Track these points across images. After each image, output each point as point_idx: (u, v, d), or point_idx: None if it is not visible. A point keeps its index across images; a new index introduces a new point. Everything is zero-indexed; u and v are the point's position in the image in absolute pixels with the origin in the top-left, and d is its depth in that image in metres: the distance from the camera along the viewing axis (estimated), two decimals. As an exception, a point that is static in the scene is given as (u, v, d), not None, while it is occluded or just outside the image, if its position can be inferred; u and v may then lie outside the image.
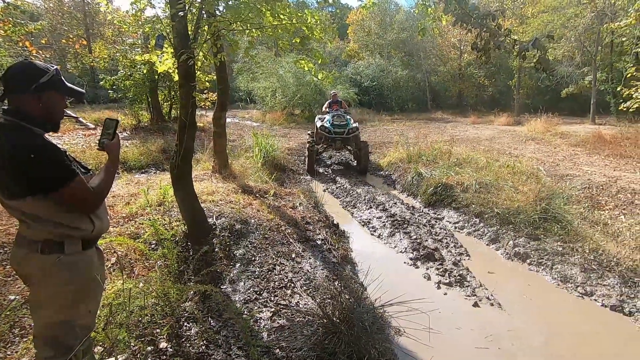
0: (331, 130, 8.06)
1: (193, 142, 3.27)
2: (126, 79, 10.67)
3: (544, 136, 12.69)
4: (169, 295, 2.36)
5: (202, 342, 2.19)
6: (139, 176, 6.74)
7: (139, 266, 2.89)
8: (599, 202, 5.87)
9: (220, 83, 5.59)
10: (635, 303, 3.28)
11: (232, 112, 20.38)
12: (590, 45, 17.85)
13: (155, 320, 2.28)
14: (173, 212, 3.75)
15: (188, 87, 3.07)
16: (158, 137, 9.89)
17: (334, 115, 8.28)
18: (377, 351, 2.14)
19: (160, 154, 8.31)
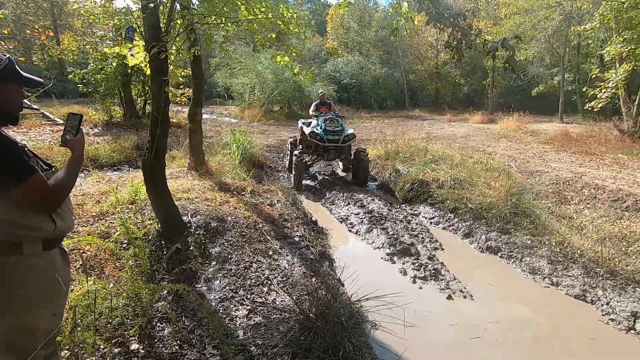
0: (323, 137, 6.71)
1: (166, 139, 3.18)
2: (97, 72, 10.26)
3: (515, 134, 13.15)
4: (140, 296, 2.29)
5: (176, 342, 2.14)
6: (111, 174, 6.52)
7: (109, 266, 2.80)
8: (565, 197, 6.15)
9: (195, 78, 5.47)
10: (597, 292, 3.46)
11: (210, 108, 19.98)
12: (559, 47, 18.62)
13: (126, 322, 2.22)
14: (146, 210, 3.64)
15: (160, 82, 2.98)
16: (131, 133, 9.58)
17: (326, 120, 6.95)
18: (353, 345, 2.16)
19: (133, 151, 8.05)
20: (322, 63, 25.79)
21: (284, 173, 8.00)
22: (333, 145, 6.78)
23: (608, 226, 4.62)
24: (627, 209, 5.52)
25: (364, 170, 7.03)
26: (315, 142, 6.79)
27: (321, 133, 6.75)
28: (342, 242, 4.72)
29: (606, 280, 3.56)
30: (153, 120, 3.01)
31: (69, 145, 1.55)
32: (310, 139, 6.85)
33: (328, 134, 6.77)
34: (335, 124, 6.92)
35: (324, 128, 6.79)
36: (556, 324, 3.12)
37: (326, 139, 6.73)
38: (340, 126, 6.94)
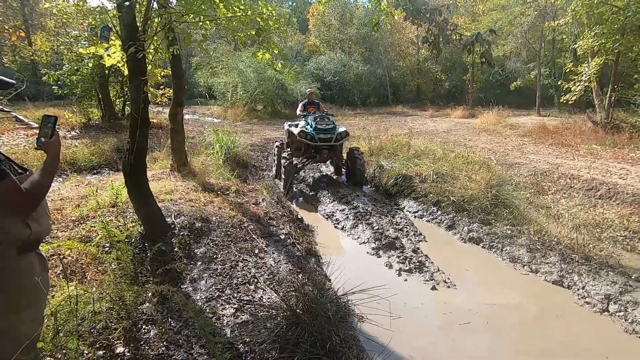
0: (315, 136, 6.22)
1: (146, 140, 3.14)
2: (72, 74, 9.96)
3: (495, 128, 13.46)
4: (124, 299, 2.27)
5: (162, 343, 2.13)
6: (91, 177, 6.36)
7: (91, 271, 2.75)
8: (543, 188, 6.36)
9: (175, 78, 5.39)
10: (573, 277, 3.60)
11: (192, 108, 19.68)
12: (535, 42, 19.13)
13: (110, 326, 2.19)
14: (128, 213, 3.58)
15: (138, 82, 2.94)
16: (111, 135, 9.35)
17: (316, 118, 6.45)
18: (340, 338, 2.20)
19: (113, 154, 7.87)
20: (304, 61, 25.73)
21: (268, 171, 7.98)
22: (325, 144, 6.32)
23: (583, 214, 4.80)
24: (601, 197, 5.75)
25: (360, 170, 6.54)
26: (306, 142, 6.33)
27: (312, 132, 6.27)
28: (329, 239, 4.76)
29: (581, 266, 3.71)
30: (132, 121, 2.96)
31: (44, 148, 1.52)
32: (300, 140, 6.40)
33: (319, 133, 6.28)
34: (327, 122, 6.43)
35: (314, 127, 6.31)
36: (536, 310, 3.24)
37: (318, 138, 6.25)
38: (332, 124, 6.48)
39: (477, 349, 2.74)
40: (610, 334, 2.91)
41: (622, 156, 8.09)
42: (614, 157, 8.09)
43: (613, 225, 4.55)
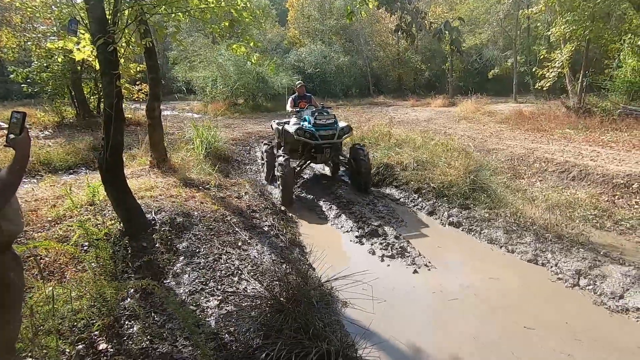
0: (315, 133, 5.48)
1: (122, 135, 3.08)
2: (42, 70, 9.61)
3: (474, 115, 13.71)
4: (105, 296, 2.25)
5: (146, 337, 2.13)
6: (67, 177, 6.19)
7: (69, 270, 2.70)
8: (519, 172, 6.56)
9: (150, 72, 5.27)
10: (547, 255, 3.76)
11: (171, 104, 19.26)
12: (511, 30, 19.48)
13: (92, 323, 2.17)
14: (106, 210, 3.52)
15: (111, 76, 2.87)
16: (86, 134, 9.10)
17: (314, 112, 5.70)
18: (324, 323, 2.25)
19: (90, 152, 7.66)
20: (284, 53, 25.46)
21: (251, 165, 7.94)
22: (327, 142, 5.56)
23: (556, 195, 4.99)
24: (573, 178, 5.99)
25: (365, 171, 5.75)
26: (305, 141, 5.57)
27: (311, 129, 5.51)
28: (312, 229, 4.80)
29: (554, 244, 3.87)
30: (106, 116, 2.90)
31: (13, 145, 1.48)
32: (297, 139, 5.64)
33: (320, 129, 5.53)
34: (327, 116, 5.69)
35: (313, 123, 5.57)
36: (513, 288, 3.38)
37: (318, 136, 5.50)
38: (333, 118, 5.77)
39: (456, 328, 2.84)
40: (581, 307, 3.07)
41: (593, 139, 8.40)
42: (586, 140, 8.39)
43: (584, 205, 4.76)
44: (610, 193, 5.38)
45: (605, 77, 12.10)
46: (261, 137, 10.50)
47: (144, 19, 3.28)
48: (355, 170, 5.92)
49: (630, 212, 4.72)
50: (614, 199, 5.23)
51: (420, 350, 2.57)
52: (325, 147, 5.64)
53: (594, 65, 13.31)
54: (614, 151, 7.19)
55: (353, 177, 6.24)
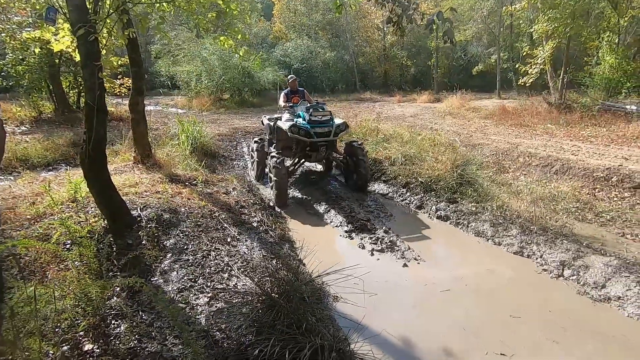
0: (310, 130, 5.21)
1: (105, 129, 2.97)
2: (17, 63, 9.21)
3: (459, 111, 13.90)
4: (89, 295, 2.17)
5: (134, 337, 2.07)
6: (46, 174, 5.97)
7: (51, 269, 2.60)
8: (504, 166, 6.69)
9: (133, 65, 5.11)
10: (532, 247, 3.84)
11: (154, 99, 18.80)
12: (494, 27, 19.78)
13: (77, 323, 2.10)
14: (89, 207, 3.41)
15: (92, 68, 2.75)
16: (66, 129, 8.79)
17: (309, 108, 5.44)
18: (316, 318, 2.23)
19: (70, 148, 7.41)
20: (270, 48, 25.19)
21: (238, 161, 7.84)
22: (323, 140, 5.31)
23: (540, 189, 5.10)
24: (556, 172, 6.14)
25: (364, 171, 5.51)
26: (299, 138, 5.27)
27: (306, 126, 5.23)
28: (302, 224, 4.77)
29: (539, 236, 3.95)
30: (88, 110, 2.79)
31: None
32: (291, 137, 5.34)
33: (315, 126, 5.25)
34: (322, 113, 5.41)
35: (308, 119, 5.29)
36: (499, 280, 3.45)
37: (314, 133, 5.23)
38: (329, 114, 5.49)
39: (445, 319, 2.88)
40: (566, 297, 3.15)
41: (574, 134, 8.63)
42: (567, 135, 8.62)
43: (566, 197, 4.88)
44: (591, 186, 5.54)
45: (584, 74, 12.42)
46: (248, 132, 10.39)
47: (127, 9, 3.17)
48: (353, 169, 5.67)
49: (609, 205, 4.87)
50: (594, 191, 5.39)
51: (411, 342, 2.59)
52: (321, 145, 5.38)
53: (574, 62, 13.65)
54: (594, 146, 7.40)
55: (348, 176, 5.99)
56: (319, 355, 1.86)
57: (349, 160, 5.73)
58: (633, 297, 2.92)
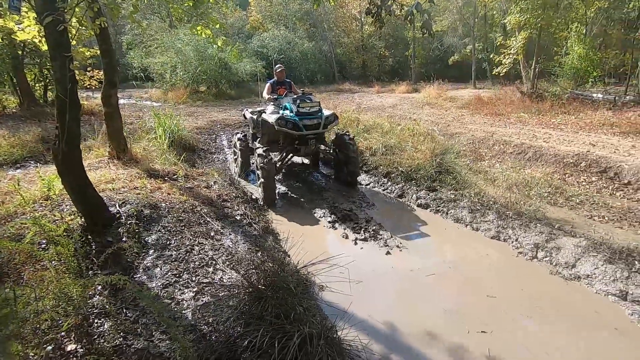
0: (298, 124, 4.94)
1: (78, 123, 2.86)
2: (-24, 55, 8.66)
3: (437, 101, 14.13)
4: (70, 294, 2.11)
5: (119, 335, 2.04)
6: (14, 172, 5.69)
7: (27, 270, 2.51)
8: (480, 154, 6.88)
9: (105, 57, 4.89)
10: (508, 232, 4.01)
11: (127, 92, 18.14)
12: (469, 18, 20.11)
13: (58, 324, 2.04)
14: (64, 205, 3.29)
15: (62, 59, 2.63)
16: (33, 124, 8.37)
17: (296, 100, 5.29)
18: (303, 307, 2.26)
19: (39, 144, 7.08)
20: (247, 38, 24.69)
21: (217, 154, 7.71)
22: (313, 133, 5.05)
23: (514, 175, 5.30)
24: (529, 159, 6.38)
25: (353, 162, 5.34)
26: (287, 131, 4.99)
27: (294, 119, 4.95)
28: (285, 215, 4.77)
29: (514, 221, 4.12)
30: (60, 104, 2.67)
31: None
32: (278, 129, 5.01)
33: (303, 119, 4.98)
34: (310, 104, 5.15)
35: (296, 111, 5.02)
36: (478, 264, 3.58)
37: (302, 126, 4.96)
38: (317, 105, 5.21)
39: (427, 303, 2.98)
40: (540, 277, 3.32)
41: (545, 122, 8.96)
42: (539, 123, 8.93)
43: (539, 183, 5.08)
44: (562, 172, 5.79)
45: (555, 64, 12.87)
46: (227, 125, 10.22)
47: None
48: (343, 161, 5.44)
49: (579, 189, 5.12)
50: (564, 177, 5.65)
51: (395, 326, 2.67)
52: (310, 138, 5.11)
53: (545, 53, 14.09)
54: (564, 133, 7.71)
55: (337, 170, 5.75)
56: (307, 343, 1.89)
57: (338, 153, 5.53)
58: (600, 275, 3.11)
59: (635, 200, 4.75)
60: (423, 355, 2.42)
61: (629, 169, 5.17)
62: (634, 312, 2.75)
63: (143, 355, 1.91)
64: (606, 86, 11.87)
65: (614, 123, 7.94)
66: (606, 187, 5.15)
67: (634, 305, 2.80)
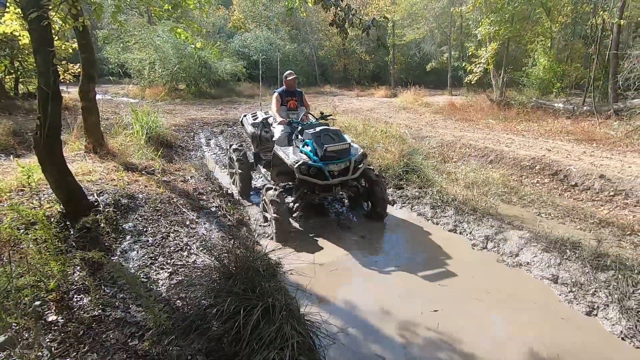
0: (324, 170, 3.95)
1: (60, 115, 2.99)
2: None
3: (413, 106, 14.66)
4: (51, 271, 2.27)
5: (98, 307, 2.21)
6: (-15, 164, 5.64)
7: (6, 252, 2.63)
8: (447, 156, 7.33)
9: (84, 51, 4.98)
10: (464, 225, 4.39)
11: (103, 87, 17.78)
12: (446, 27, 20.91)
13: (40, 298, 2.20)
14: (43, 194, 3.40)
15: (46, 53, 2.77)
16: (3, 117, 8.21)
17: (318, 135, 4.06)
18: (270, 286, 2.50)
19: (9, 137, 6.98)
20: (228, 37, 24.67)
21: (195, 152, 7.82)
22: (341, 179, 4.10)
23: (474, 175, 5.72)
24: (491, 161, 6.86)
25: (382, 205, 4.47)
26: (310, 179, 3.99)
27: (320, 165, 3.93)
28: (258, 210, 4.99)
29: (470, 216, 4.51)
30: (42, 95, 2.81)
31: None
32: (301, 176, 3.97)
33: (329, 163, 3.98)
34: (337, 139, 4.10)
35: (323, 154, 3.94)
36: (434, 253, 3.92)
37: (328, 171, 3.98)
38: (347, 143, 4.16)
39: (383, 286, 3.28)
40: (488, 265, 3.69)
41: (510, 128, 9.56)
42: (504, 129, 9.52)
43: (496, 183, 5.53)
44: (519, 174, 6.28)
45: (522, 74, 13.65)
46: (205, 123, 10.32)
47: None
48: (370, 195, 4.58)
49: (531, 189, 5.60)
50: (521, 178, 6.13)
51: (353, 305, 2.96)
52: (336, 185, 4.19)
53: (514, 63, 14.90)
54: (525, 139, 8.29)
55: (355, 201, 4.82)
56: (270, 312, 2.14)
57: (365, 190, 4.65)
58: (538, 262, 3.51)
59: (580, 200, 5.26)
60: (378, 329, 2.71)
61: (576, 172, 5.69)
62: (561, 292, 3.15)
63: (120, 323, 2.10)
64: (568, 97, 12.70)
65: (570, 131, 8.59)
66: (556, 188, 5.66)
67: (562, 287, 3.20)
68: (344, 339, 2.54)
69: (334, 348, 2.38)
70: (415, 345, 2.56)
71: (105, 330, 2.07)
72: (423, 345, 2.54)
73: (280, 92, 4.96)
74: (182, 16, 4.13)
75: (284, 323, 2.07)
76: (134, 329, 2.10)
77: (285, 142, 4.50)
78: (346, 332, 2.63)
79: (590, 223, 4.34)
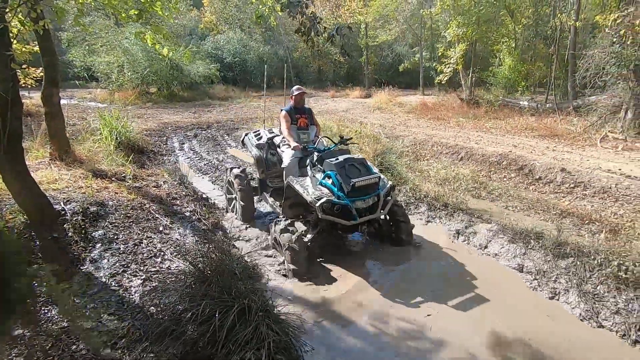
0: (351, 208, 3.40)
1: (20, 121, 2.88)
2: None
3: (387, 106, 14.95)
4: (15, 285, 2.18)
5: (67, 319, 2.16)
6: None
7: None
8: (420, 154, 7.53)
9: (45, 55, 4.79)
10: (436, 220, 4.53)
11: (68, 92, 17.08)
12: (417, 28, 21.44)
13: (3, 312, 2.11)
14: (4, 204, 3.25)
15: (4, 57, 2.67)
16: (-39, 125, 7.76)
17: (342, 166, 3.50)
18: (246, 287, 2.50)
19: (-32, 146, 6.61)
20: (200, 39, 24.28)
21: (168, 157, 7.67)
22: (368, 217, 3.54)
23: (445, 172, 5.92)
24: (462, 158, 7.10)
25: (405, 230, 3.97)
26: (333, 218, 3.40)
27: (346, 203, 3.38)
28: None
29: (442, 211, 4.67)
30: (1, 102, 2.70)
31: None
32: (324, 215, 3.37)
33: (356, 199, 3.45)
34: (364, 171, 3.57)
35: (349, 190, 3.40)
36: (406, 247, 4.04)
37: (355, 209, 3.43)
38: (376, 177, 3.64)
39: (357, 279, 3.35)
40: (459, 256, 3.83)
41: (479, 126, 9.93)
42: (474, 127, 9.87)
43: (466, 179, 5.74)
44: (487, 169, 6.54)
45: (489, 74, 14.20)
46: (178, 127, 10.14)
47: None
48: (393, 225, 4.07)
49: (499, 184, 5.84)
50: (489, 174, 6.39)
51: (327, 300, 3.02)
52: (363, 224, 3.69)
53: (482, 63, 15.47)
54: (493, 136, 8.63)
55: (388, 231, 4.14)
56: (246, 313, 2.15)
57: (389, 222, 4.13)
58: (504, 252, 3.69)
59: (544, 193, 5.54)
60: (351, 321, 2.77)
61: (540, 167, 5.99)
62: (526, 280, 3.33)
63: (92, 333, 2.05)
64: (532, 95, 13.32)
65: (534, 127, 9.02)
66: (522, 182, 5.93)
67: (527, 275, 3.38)
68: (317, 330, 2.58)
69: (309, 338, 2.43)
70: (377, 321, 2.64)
71: (75, 341, 2.02)
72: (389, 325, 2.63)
73: (288, 109, 4.35)
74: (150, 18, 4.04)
75: (260, 323, 2.09)
76: (105, 337, 2.06)
77: (296, 168, 3.99)
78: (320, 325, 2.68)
79: (553, 214, 4.58)
